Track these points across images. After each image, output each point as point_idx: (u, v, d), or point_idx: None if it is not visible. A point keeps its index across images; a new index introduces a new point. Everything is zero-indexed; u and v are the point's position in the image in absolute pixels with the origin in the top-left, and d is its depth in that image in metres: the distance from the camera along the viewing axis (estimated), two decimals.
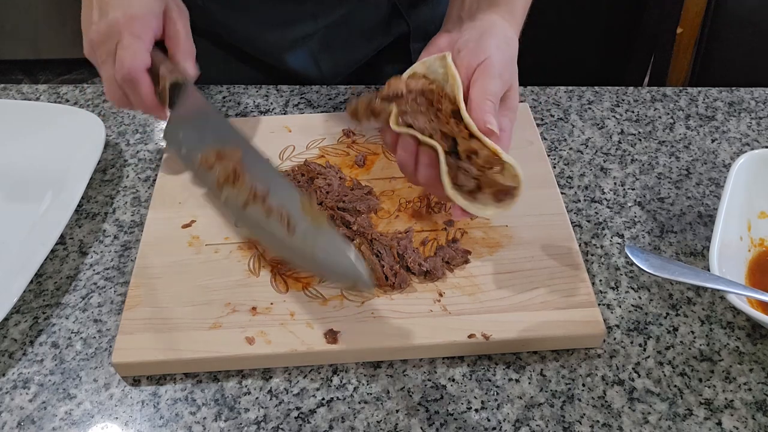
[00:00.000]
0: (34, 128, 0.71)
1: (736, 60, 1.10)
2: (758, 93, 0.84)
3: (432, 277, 0.60)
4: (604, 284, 0.63)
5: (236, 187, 0.60)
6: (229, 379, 0.56)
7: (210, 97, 0.84)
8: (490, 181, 0.53)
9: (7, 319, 0.61)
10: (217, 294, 0.60)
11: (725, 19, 1.07)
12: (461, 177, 0.54)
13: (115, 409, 0.55)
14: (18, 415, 0.54)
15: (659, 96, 0.84)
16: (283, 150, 0.74)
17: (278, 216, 0.57)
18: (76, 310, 0.62)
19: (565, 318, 0.57)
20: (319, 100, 0.83)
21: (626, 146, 0.77)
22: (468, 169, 0.53)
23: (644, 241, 0.67)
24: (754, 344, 0.58)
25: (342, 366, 0.57)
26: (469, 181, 0.54)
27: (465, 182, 0.54)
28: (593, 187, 0.72)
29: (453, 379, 0.56)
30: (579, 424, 0.53)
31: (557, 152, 0.76)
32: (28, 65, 2.39)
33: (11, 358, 0.58)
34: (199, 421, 0.54)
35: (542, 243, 0.63)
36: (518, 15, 0.63)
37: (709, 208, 0.70)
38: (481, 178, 0.53)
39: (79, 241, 0.68)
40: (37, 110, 0.78)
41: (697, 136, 0.78)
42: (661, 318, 0.60)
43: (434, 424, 0.53)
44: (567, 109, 0.82)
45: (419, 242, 0.64)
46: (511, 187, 0.53)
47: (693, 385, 0.56)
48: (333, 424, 0.53)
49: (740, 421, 0.53)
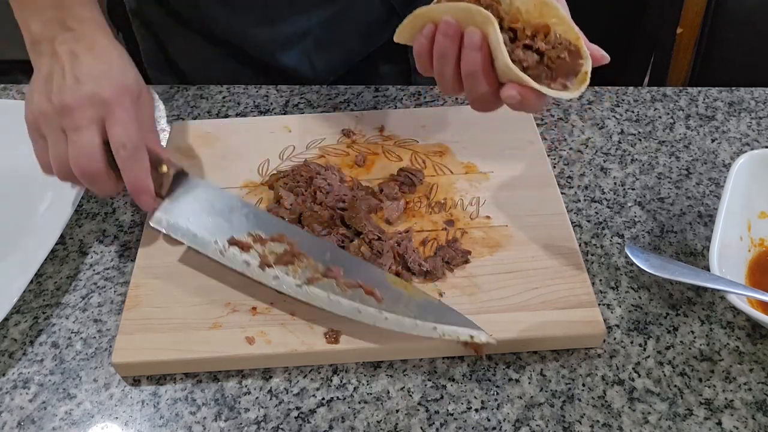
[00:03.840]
0: None
1: (736, 60, 1.10)
2: (758, 93, 0.84)
3: (432, 277, 0.60)
4: (604, 284, 0.63)
5: (295, 266, 0.58)
6: (229, 379, 0.56)
7: (210, 97, 0.84)
8: (559, 58, 0.49)
9: (7, 319, 0.61)
10: (217, 294, 0.60)
11: (725, 19, 1.07)
12: (518, 52, 0.49)
13: (115, 409, 0.55)
14: (18, 415, 0.54)
15: (659, 96, 0.84)
16: (283, 150, 0.74)
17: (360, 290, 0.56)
18: (76, 310, 0.62)
19: (565, 318, 0.57)
20: (319, 100, 0.83)
21: (626, 146, 0.77)
22: (532, 43, 0.49)
23: (644, 241, 0.67)
24: (754, 344, 0.58)
25: (342, 366, 0.57)
26: (530, 56, 0.49)
27: (523, 57, 0.49)
28: (593, 187, 0.72)
29: (453, 379, 0.56)
30: (579, 424, 0.53)
31: (557, 152, 0.76)
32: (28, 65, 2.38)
33: (11, 358, 0.58)
34: (199, 421, 0.54)
35: (542, 243, 0.63)
36: None
37: (709, 208, 0.70)
38: (549, 53, 0.49)
39: (79, 241, 0.68)
40: None
41: (697, 136, 0.78)
42: (661, 318, 0.60)
43: (434, 424, 0.53)
44: (567, 109, 0.82)
45: (419, 242, 0.64)
46: (580, 66, 0.49)
47: (693, 385, 0.56)
48: (333, 424, 0.53)
49: (740, 421, 0.53)
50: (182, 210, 0.61)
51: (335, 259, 0.58)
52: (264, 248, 0.59)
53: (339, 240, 0.62)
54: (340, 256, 0.59)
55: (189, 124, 0.77)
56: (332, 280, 0.57)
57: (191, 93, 0.84)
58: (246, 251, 0.59)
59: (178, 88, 0.85)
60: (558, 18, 0.50)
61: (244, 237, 0.59)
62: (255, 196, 0.69)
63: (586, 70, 0.50)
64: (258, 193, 0.69)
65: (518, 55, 0.49)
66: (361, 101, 0.83)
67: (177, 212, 0.61)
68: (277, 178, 0.69)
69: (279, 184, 0.68)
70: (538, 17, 0.51)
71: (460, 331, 0.54)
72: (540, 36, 0.50)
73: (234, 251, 0.59)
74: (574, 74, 0.50)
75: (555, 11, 0.50)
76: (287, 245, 0.59)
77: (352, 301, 0.56)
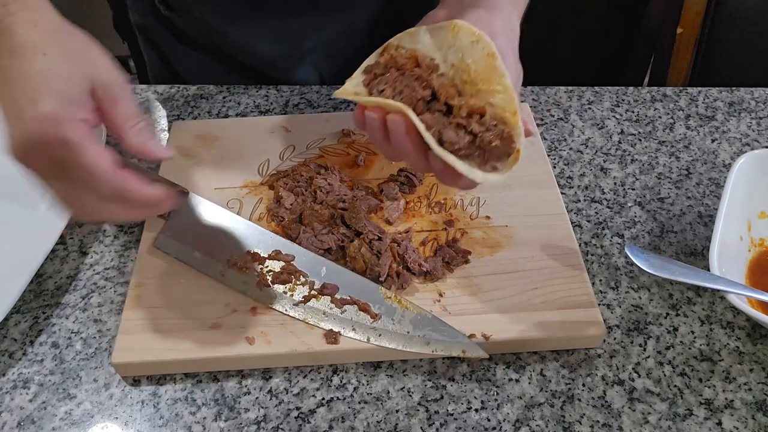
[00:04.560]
0: None
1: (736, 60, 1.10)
2: (758, 93, 0.84)
3: (432, 278, 0.60)
4: (604, 284, 0.63)
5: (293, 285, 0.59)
6: (229, 379, 0.56)
7: (210, 97, 0.84)
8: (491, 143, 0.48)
9: (7, 319, 0.61)
10: (217, 294, 0.60)
11: (725, 19, 1.07)
12: (450, 133, 0.48)
13: (115, 409, 0.55)
14: (18, 415, 0.54)
15: (659, 96, 0.84)
16: (283, 150, 0.74)
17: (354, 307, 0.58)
18: (76, 310, 0.62)
19: (565, 318, 0.57)
20: (319, 100, 0.83)
21: (626, 146, 0.77)
22: (466, 124, 0.48)
23: (644, 241, 0.67)
24: (754, 344, 0.58)
25: (342, 366, 0.57)
26: (461, 138, 0.48)
27: (455, 139, 0.48)
28: (593, 187, 0.72)
29: (453, 379, 0.56)
30: (579, 424, 0.53)
31: (557, 152, 0.76)
32: None
33: (11, 358, 0.58)
34: (199, 421, 0.54)
35: (542, 243, 0.63)
36: (520, 4, 0.59)
37: (709, 208, 0.70)
38: (483, 135, 0.48)
39: (79, 241, 0.68)
40: None
41: (697, 136, 0.78)
42: (661, 318, 0.60)
43: (434, 424, 0.53)
44: (567, 109, 0.82)
45: (419, 242, 0.64)
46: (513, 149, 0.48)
47: (693, 385, 0.56)
48: (333, 424, 0.53)
49: (740, 421, 0.53)
50: (183, 231, 0.63)
51: (330, 275, 0.60)
52: (262, 267, 0.60)
53: (339, 240, 0.62)
54: (336, 271, 0.60)
55: (189, 124, 0.77)
56: (327, 297, 0.58)
57: (191, 93, 0.84)
58: (245, 271, 0.60)
59: (179, 88, 0.85)
60: (502, 86, 0.49)
61: (243, 256, 0.61)
62: (255, 196, 0.69)
63: (518, 148, 0.48)
64: (258, 193, 0.69)
65: (449, 136, 0.48)
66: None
67: (178, 234, 0.63)
68: (277, 178, 0.69)
69: (279, 184, 0.68)
70: (485, 80, 0.49)
71: (453, 346, 0.55)
72: (476, 117, 0.49)
73: (233, 271, 0.60)
74: (506, 156, 0.49)
75: (501, 79, 0.49)
76: (284, 263, 0.60)
77: (346, 319, 0.57)
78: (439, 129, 0.48)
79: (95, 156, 0.46)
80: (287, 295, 0.59)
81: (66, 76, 0.46)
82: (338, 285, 0.59)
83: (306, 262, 0.61)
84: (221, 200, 0.67)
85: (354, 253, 0.61)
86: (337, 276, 0.60)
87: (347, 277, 0.60)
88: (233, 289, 0.60)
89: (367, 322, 0.57)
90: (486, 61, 0.49)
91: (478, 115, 0.49)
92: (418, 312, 0.57)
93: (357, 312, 0.57)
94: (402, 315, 0.57)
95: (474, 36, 0.50)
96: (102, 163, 0.46)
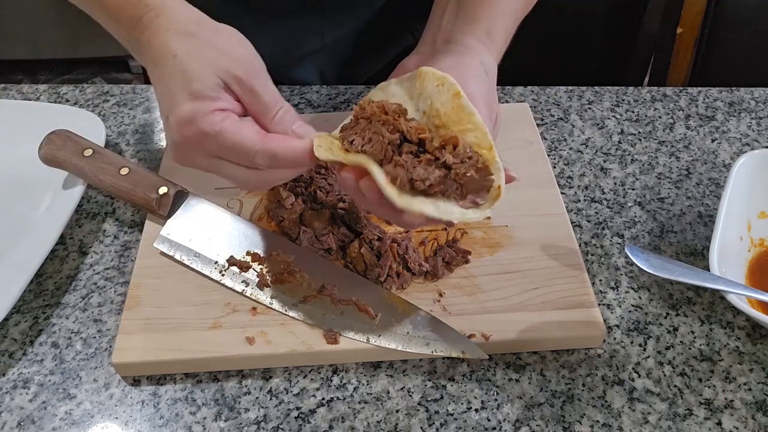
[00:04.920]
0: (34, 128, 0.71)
1: (736, 60, 1.10)
2: (758, 93, 0.84)
3: (432, 277, 0.60)
4: (604, 284, 0.63)
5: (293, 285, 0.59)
6: (229, 379, 0.56)
7: None
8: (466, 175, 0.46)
9: (7, 319, 0.61)
10: (217, 294, 0.60)
11: (725, 19, 1.07)
12: (419, 171, 0.46)
13: (115, 409, 0.55)
14: (18, 415, 0.54)
15: (659, 96, 0.84)
16: None
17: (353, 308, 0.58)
18: (76, 310, 0.62)
19: (565, 318, 0.57)
20: (319, 100, 0.83)
21: (626, 146, 0.77)
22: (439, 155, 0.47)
23: (644, 241, 0.67)
24: (754, 344, 0.58)
25: (342, 366, 0.57)
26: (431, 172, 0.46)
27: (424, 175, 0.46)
28: (593, 187, 0.72)
29: (453, 379, 0.56)
30: (579, 424, 0.53)
31: (557, 152, 0.76)
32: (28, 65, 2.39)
33: (11, 358, 0.58)
34: (199, 421, 0.54)
35: (542, 243, 0.63)
36: (499, 37, 0.57)
37: (709, 208, 0.70)
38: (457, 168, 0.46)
39: (79, 241, 0.68)
40: (37, 110, 0.78)
41: (697, 136, 0.78)
42: (661, 318, 0.60)
43: (434, 424, 0.53)
44: (567, 109, 0.82)
45: (419, 242, 0.64)
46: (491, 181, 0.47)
47: (693, 385, 0.56)
48: (333, 424, 0.53)
49: (740, 421, 0.53)
50: (183, 231, 0.63)
51: (331, 276, 0.60)
52: (262, 267, 0.60)
53: (339, 240, 0.62)
54: (335, 272, 0.60)
55: None
56: (327, 297, 0.58)
57: None
58: (245, 271, 0.60)
59: None
60: (473, 124, 0.48)
61: (243, 256, 0.61)
62: (255, 196, 0.69)
63: (498, 184, 0.47)
64: (258, 193, 0.69)
65: (418, 174, 0.46)
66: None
67: (178, 233, 0.62)
68: None
69: (279, 184, 0.68)
70: (456, 121, 0.48)
71: (452, 347, 0.55)
72: (449, 148, 0.47)
73: (233, 270, 0.60)
74: (485, 190, 0.47)
75: (471, 117, 0.48)
76: (283, 263, 0.60)
77: (346, 320, 0.57)
78: (408, 171, 0.46)
79: (237, 135, 0.48)
80: (287, 295, 0.59)
81: (197, 73, 0.48)
82: (338, 285, 0.59)
83: (306, 262, 0.61)
84: (221, 200, 0.67)
85: (354, 253, 0.61)
86: (337, 276, 0.60)
87: (347, 278, 0.60)
88: (233, 289, 0.60)
89: (366, 323, 0.57)
90: (453, 101, 0.48)
91: (451, 145, 0.47)
92: (417, 312, 0.57)
93: (357, 312, 0.57)
94: (402, 315, 0.57)
95: (438, 80, 0.49)
96: (246, 138, 0.48)
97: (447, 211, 0.46)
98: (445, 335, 0.56)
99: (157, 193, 0.63)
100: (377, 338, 0.56)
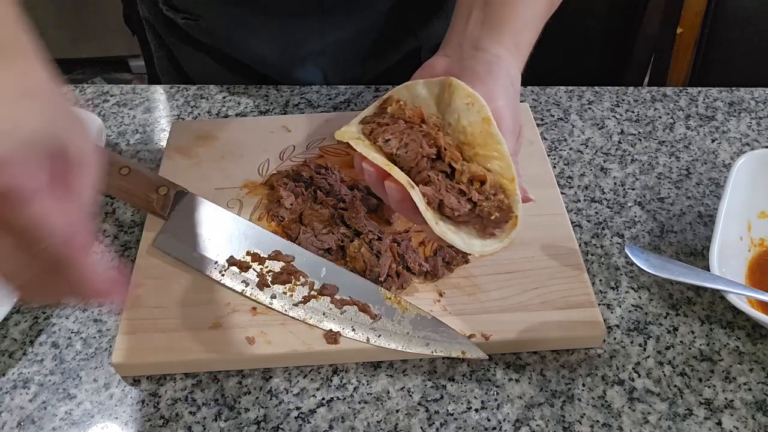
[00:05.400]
0: None
1: (736, 60, 1.10)
2: (758, 93, 0.84)
3: (432, 277, 0.60)
4: (604, 284, 0.63)
5: (293, 285, 0.59)
6: (229, 379, 0.56)
7: (210, 97, 0.84)
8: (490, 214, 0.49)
9: (7, 319, 0.61)
10: (217, 294, 0.60)
11: (725, 19, 1.07)
12: (452, 200, 0.49)
13: (115, 409, 0.55)
14: (18, 415, 0.54)
15: (659, 96, 0.84)
16: (283, 150, 0.73)
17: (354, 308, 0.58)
18: (76, 310, 0.62)
19: (565, 318, 0.57)
20: (319, 100, 0.83)
21: (626, 146, 0.77)
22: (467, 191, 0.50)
23: (644, 241, 0.67)
24: (754, 344, 0.58)
25: (342, 366, 0.57)
26: (463, 206, 0.49)
27: (457, 206, 0.49)
28: (593, 187, 0.72)
29: (453, 379, 0.56)
30: (579, 424, 0.53)
31: (557, 152, 0.76)
32: None
33: (11, 358, 0.58)
34: (199, 421, 0.54)
35: (542, 243, 0.63)
36: (524, 48, 0.57)
37: (709, 208, 0.70)
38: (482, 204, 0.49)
39: None
40: None
41: (697, 136, 0.78)
42: (661, 318, 0.60)
43: (434, 424, 0.53)
44: (567, 109, 0.82)
45: (419, 242, 0.64)
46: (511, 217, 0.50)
47: (693, 385, 0.56)
48: (333, 424, 0.53)
49: (740, 421, 0.53)
50: (183, 231, 0.63)
51: (330, 276, 0.60)
52: (262, 267, 0.60)
53: (339, 240, 0.62)
54: (335, 271, 0.60)
55: (189, 124, 0.77)
56: (327, 297, 0.58)
57: (191, 93, 0.84)
58: (245, 271, 0.60)
59: (179, 88, 0.85)
60: (499, 153, 0.50)
61: (243, 256, 0.61)
62: (255, 196, 0.69)
63: (516, 214, 0.50)
64: (258, 193, 0.69)
65: (451, 202, 0.49)
66: (361, 101, 0.83)
67: (178, 234, 0.63)
68: (277, 179, 0.69)
69: (279, 184, 0.68)
70: (482, 145, 0.50)
71: (453, 347, 0.55)
72: (476, 184, 0.50)
73: (233, 270, 0.60)
74: (504, 222, 0.50)
75: (498, 146, 0.50)
76: (284, 263, 0.60)
77: (346, 319, 0.57)
78: (439, 192, 0.49)
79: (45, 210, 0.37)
80: (287, 295, 0.59)
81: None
82: (338, 285, 0.59)
83: (306, 262, 0.61)
84: (221, 200, 0.67)
85: (354, 253, 0.61)
86: (337, 276, 0.60)
87: (347, 278, 0.60)
88: (233, 289, 0.60)
89: (366, 323, 0.57)
90: (482, 125, 0.50)
91: (478, 182, 0.50)
92: (417, 313, 0.57)
93: (357, 312, 0.57)
94: (402, 315, 0.57)
95: (469, 98, 0.50)
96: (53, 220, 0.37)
97: (469, 243, 0.50)
98: (445, 335, 0.56)
99: (157, 193, 0.64)
100: (377, 338, 0.56)
